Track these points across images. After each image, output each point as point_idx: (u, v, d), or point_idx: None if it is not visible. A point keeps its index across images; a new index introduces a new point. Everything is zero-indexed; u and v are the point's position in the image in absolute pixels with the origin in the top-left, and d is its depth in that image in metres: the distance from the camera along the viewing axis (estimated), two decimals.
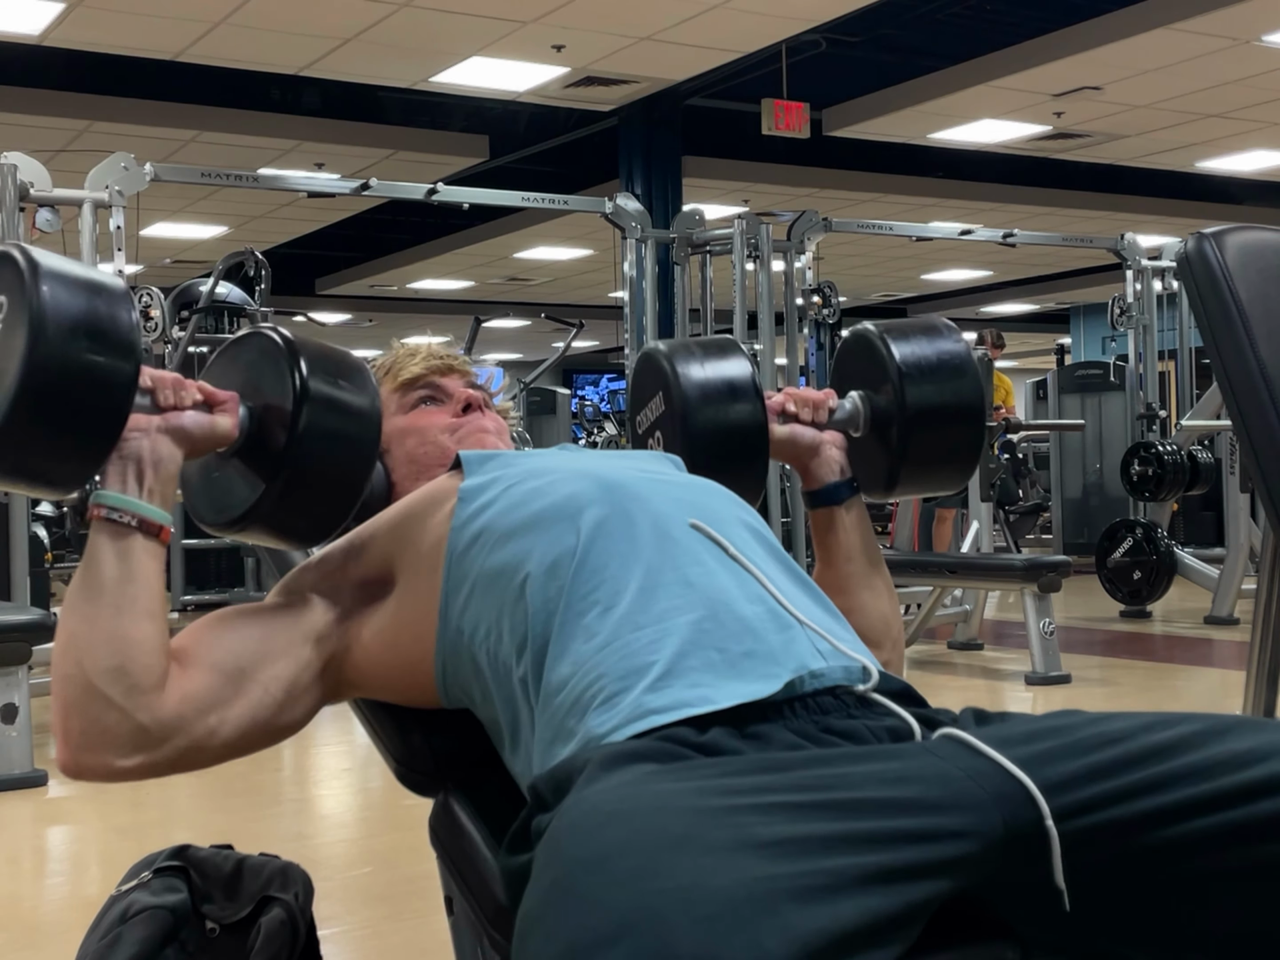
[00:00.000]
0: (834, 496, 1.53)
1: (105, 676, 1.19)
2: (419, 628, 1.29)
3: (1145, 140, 9.95)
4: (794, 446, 1.52)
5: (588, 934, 0.84)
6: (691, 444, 1.47)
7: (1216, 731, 1.03)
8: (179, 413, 1.26)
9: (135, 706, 1.20)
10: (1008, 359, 21.81)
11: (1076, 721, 1.07)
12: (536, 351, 18.55)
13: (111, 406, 1.19)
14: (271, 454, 1.29)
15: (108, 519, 1.22)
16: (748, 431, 1.49)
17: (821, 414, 1.54)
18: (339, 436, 1.31)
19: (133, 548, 1.23)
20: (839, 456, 1.54)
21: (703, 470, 1.43)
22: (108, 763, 1.21)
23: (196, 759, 1.27)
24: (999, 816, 0.97)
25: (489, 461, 1.36)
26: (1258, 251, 1.67)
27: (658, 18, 7.26)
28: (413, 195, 6.66)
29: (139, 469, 1.23)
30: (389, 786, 2.91)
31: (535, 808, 1.06)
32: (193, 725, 1.24)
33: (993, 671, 5.84)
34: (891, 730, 1.10)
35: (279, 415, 1.28)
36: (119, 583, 1.22)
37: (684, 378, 1.49)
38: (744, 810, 0.92)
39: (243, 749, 1.30)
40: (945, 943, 0.97)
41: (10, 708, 3.86)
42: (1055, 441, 10.19)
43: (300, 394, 1.27)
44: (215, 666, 1.27)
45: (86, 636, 1.20)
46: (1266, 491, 1.61)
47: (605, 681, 1.11)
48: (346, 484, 1.33)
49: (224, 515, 1.33)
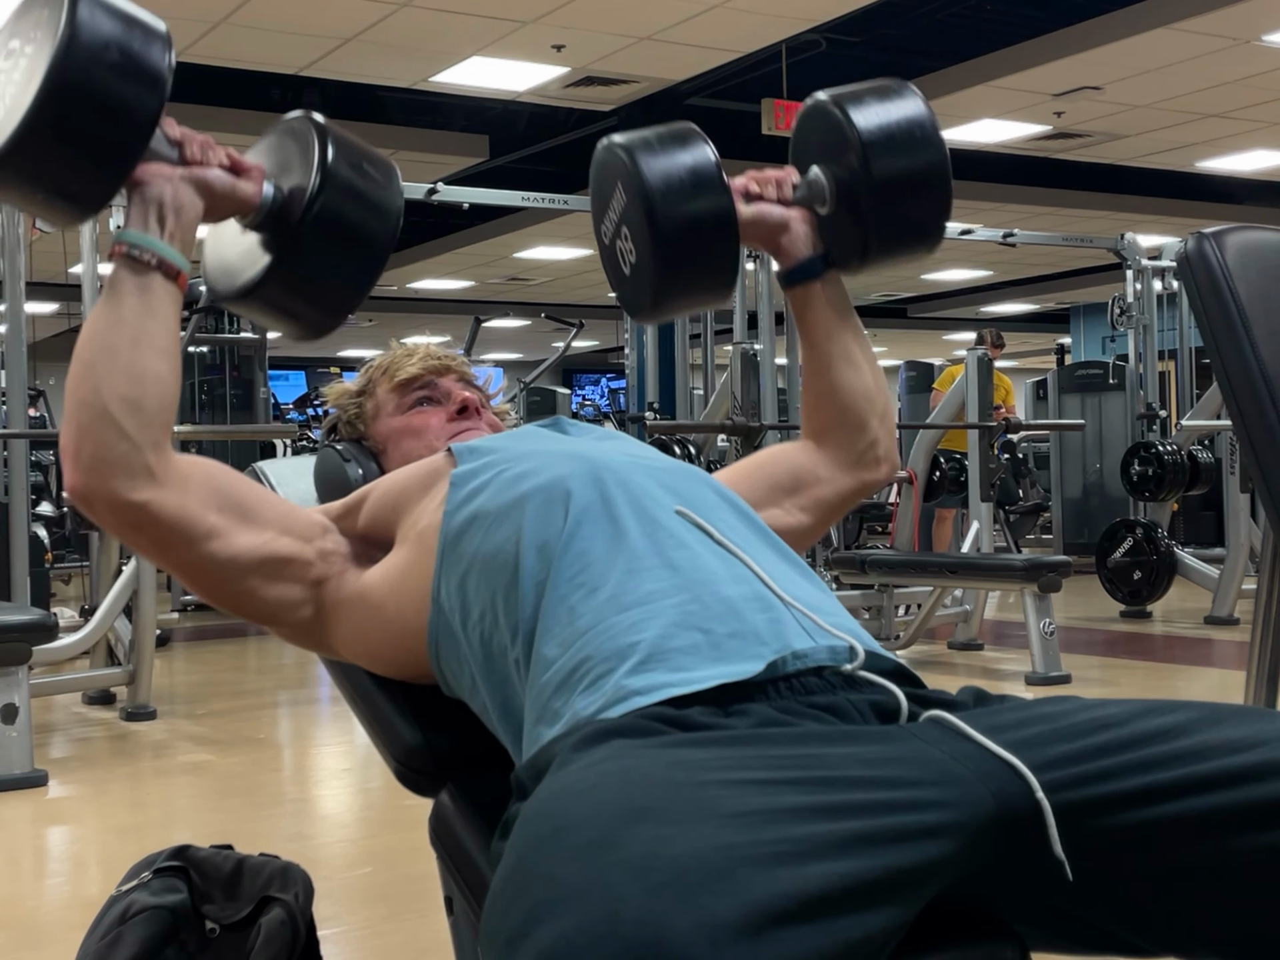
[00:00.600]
0: (809, 271, 1.53)
1: (121, 405, 1.23)
2: (408, 605, 1.30)
3: (1145, 140, 9.95)
4: (763, 225, 1.51)
5: (541, 906, 0.84)
6: (659, 231, 1.42)
7: (1211, 718, 1.03)
8: (204, 167, 1.31)
9: (145, 442, 1.24)
10: (1008, 359, 21.82)
11: (1069, 708, 1.06)
12: (536, 351, 18.55)
13: (133, 129, 1.23)
14: (288, 232, 1.32)
15: (128, 255, 1.27)
16: (716, 213, 1.44)
17: (786, 190, 1.53)
18: (356, 223, 1.34)
19: (152, 285, 1.28)
20: (809, 232, 1.53)
21: (675, 260, 1.43)
22: (115, 490, 1.24)
23: (187, 541, 1.28)
24: (987, 792, 0.96)
25: (479, 448, 1.37)
26: (1258, 251, 1.67)
27: (658, 18, 7.26)
28: (413, 195, 6.65)
29: (160, 212, 1.28)
30: (389, 786, 2.91)
31: (518, 797, 1.08)
32: (194, 507, 1.28)
33: (993, 671, 5.84)
34: (876, 705, 1.10)
35: (300, 195, 1.32)
36: (139, 316, 1.26)
37: (645, 165, 1.43)
38: (713, 785, 0.91)
39: (220, 581, 1.32)
40: (945, 943, 0.97)
41: (10, 708, 3.86)
42: (1055, 441, 10.20)
43: (322, 176, 1.31)
44: (222, 491, 1.31)
45: (106, 364, 1.25)
46: (1267, 491, 1.61)
47: (590, 664, 1.12)
48: (357, 274, 1.37)
49: (234, 286, 1.37)
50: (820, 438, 1.57)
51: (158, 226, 1.28)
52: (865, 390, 1.56)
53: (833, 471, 1.56)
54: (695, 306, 1.62)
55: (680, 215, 1.42)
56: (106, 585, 5.09)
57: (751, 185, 1.52)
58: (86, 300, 5.51)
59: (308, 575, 1.35)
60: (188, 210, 1.29)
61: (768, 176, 1.54)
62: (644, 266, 1.45)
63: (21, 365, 5.18)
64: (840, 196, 1.52)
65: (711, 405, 6.86)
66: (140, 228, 1.27)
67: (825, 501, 1.56)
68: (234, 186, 1.32)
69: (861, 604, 6.10)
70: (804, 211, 1.54)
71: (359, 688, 1.45)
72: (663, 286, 1.46)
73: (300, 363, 18.13)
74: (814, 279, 1.53)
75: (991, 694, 1.14)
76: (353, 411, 1.61)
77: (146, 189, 1.28)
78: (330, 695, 5.44)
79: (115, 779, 4.06)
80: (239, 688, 5.81)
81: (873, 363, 1.58)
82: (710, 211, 1.44)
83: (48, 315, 12.87)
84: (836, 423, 1.56)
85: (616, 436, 1.48)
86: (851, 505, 1.62)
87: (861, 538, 9.99)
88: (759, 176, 1.54)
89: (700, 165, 1.44)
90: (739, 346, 5.92)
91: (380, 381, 1.60)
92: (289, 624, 1.38)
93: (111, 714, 4.99)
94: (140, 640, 4.78)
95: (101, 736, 4.70)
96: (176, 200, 1.28)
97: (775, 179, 1.54)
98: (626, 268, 1.49)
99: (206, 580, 1.33)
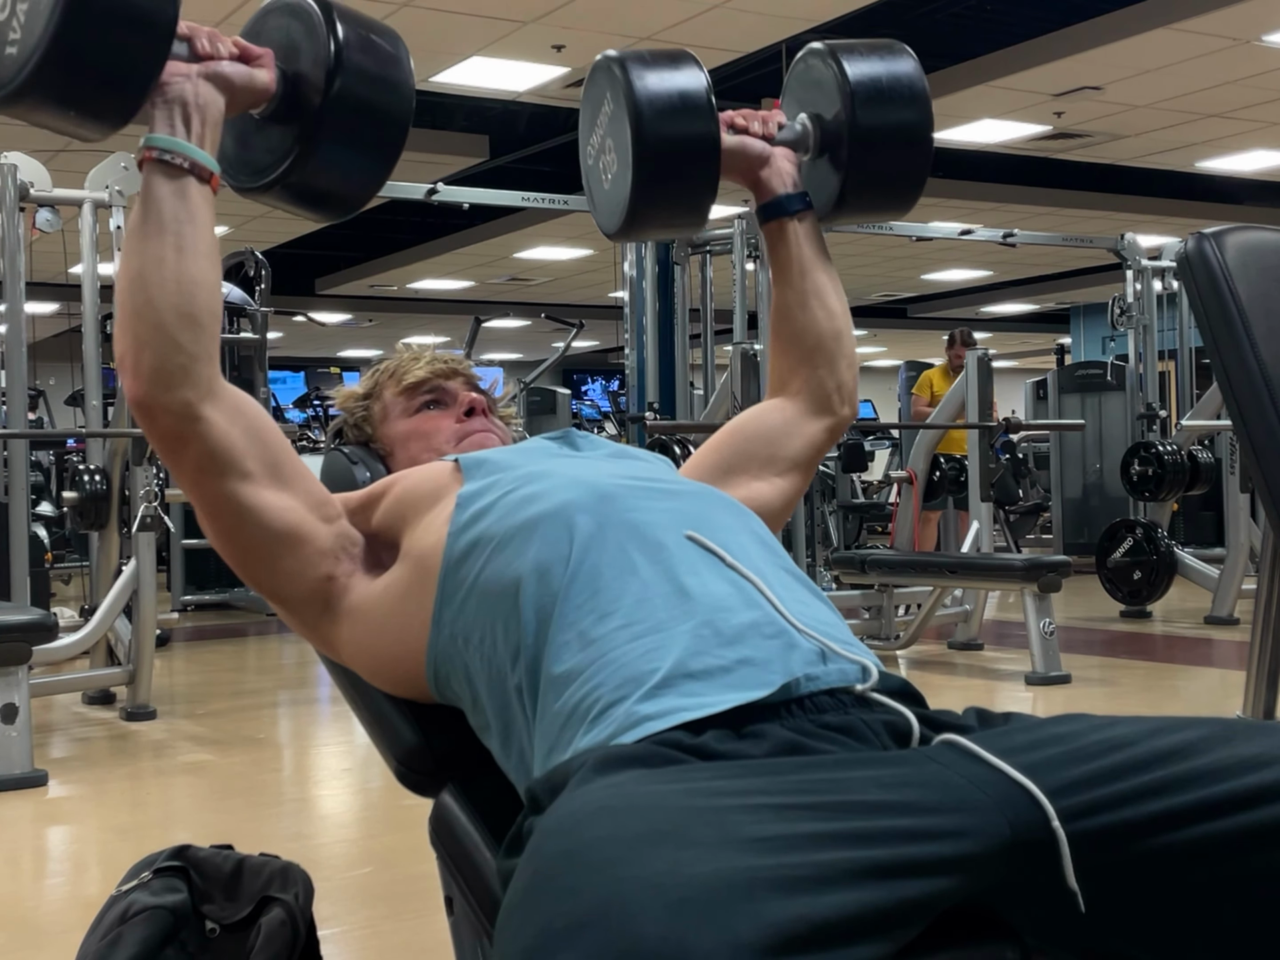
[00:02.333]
0: (786, 207, 1.55)
1: (175, 317, 1.23)
2: (408, 627, 1.30)
3: (1145, 140, 9.94)
4: (744, 156, 1.53)
5: (558, 921, 0.84)
6: (643, 143, 1.43)
7: (1223, 736, 1.03)
8: (218, 61, 1.29)
9: (201, 353, 1.25)
10: (1008, 359, 21.82)
11: (1081, 728, 1.06)
12: (536, 351, 18.54)
13: (152, 45, 1.21)
14: (308, 118, 1.30)
15: (160, 159, 1.25)
16: (701, 135, 1.45)
17: (771, 127, 1.55)
18: (374, 101, 1.33)
19: (188, 189, 1.26)
20: (790, 170, 1.56)
21: (655, 176, 1.43)
22: (180, 398, 1.24)
23: (222, 473, 1.28)
24: (1003, 820, 0.96)
25: (486, 465, 1.37)
26: (1258, 251, 1.67)
27: (658, 18, 7.26)
28: (413, 195, 6.66)
29: (185, 112, 1.26)
30: (389, 786, 2.91)
31: (531, 810, 1.07)
32: (239, 441, 1.28)
33: (993, 671, 5.84)
34: (889, 725, 1.10)
35: (316, 78, 1.30)
36: (180, 222, 1.25)
37: (636, 78, 1.44)
38: (732, 810, 0.91)
39: (237, 526, 1.31)
40: (945, 943, 0.96)
41: (10, 708, 3.86)
42: (1055, 441, 10.19)
43: (336, 56, 1.29)
44: (264, 440, 1.31)
45: (156, 275, 1.24)
46: (1267, 491, 1.61)
47: (602, 691, 1.11)
48: (381, 153, 1.35)
49: (261, 176, 1.35)
50: (788, 383, 1.59)
51: (184, 128, 1.26)
52: (835, 330, 1.58)
53: (801, 422, 1.57)
54: (668, 230, 1.63)
55: (666, 132, 1.43)
56: (106, 585, 5.09)
57: (738, 119, 1.54)
58: (86, 300, 5.52)
59: (319, 565, 1.34)
60: (211, 108, 1.27)
61: (755, 112, 1.56)
62: (622, 180, 1.46)
63: (21, 365, 5.18)
64: (823, 145, 1.55)
65: (711, 405, 6.86)
66: (167, 130, 1.25)
67: (800, 457, 1.57)
68: (251, 77, 1.30)
69: (861, 604, 6.10)
70: (787, 150, 1.56)
71: (359, 688, 1.45)
72: (640, 202, 1.46)
73: (300, 363, 18.12)
74: (791, 215, 1.55)
75: (995, 713, 1.14)
76: (360, 415, 1.61)
77: (168, 89, 1.25)
78: (330, 695, 5.44)
79: (115, 779, 4.06)
80: (239, 688, 5.81)
81: (844, 305, 1.60)
82: (696, 133, 1.45)
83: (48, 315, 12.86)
84: (806, 363, 1.57)
85: (628, 455, 1.47)
86: (825, 453, 1.63)
87: (861, 538, 10.00)
88: (746, 112, 1.56)
89: (692, 87, 1.45)
90: (739, 346, 5.92)
91: (387, 385, 1.60)
92: (288, 602, 1.37)
93: (111, 714, 4.99)
94: (140, 640, 4.78)
95: (101, 736, 4.70)
96: (199, 99, 1.26)
97: (761, 116, 1.56)
98: (606, 183, 1.50)
99: (225, 521, 1.32)
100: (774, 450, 1.55)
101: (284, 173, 1.32)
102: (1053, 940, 1.01)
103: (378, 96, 1.33)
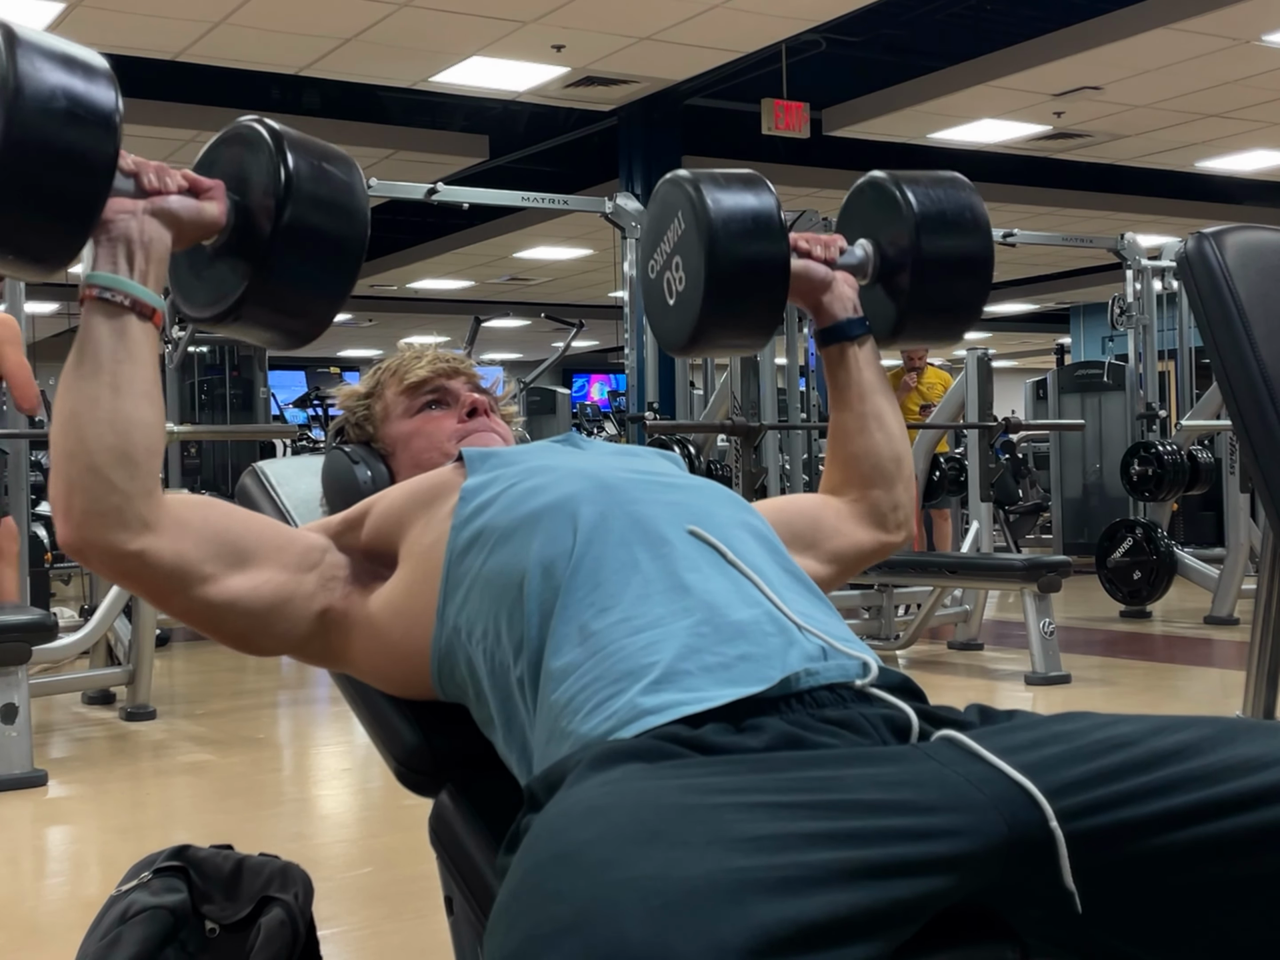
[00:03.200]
0: (848, 331, 1.56)
1: (108, 457, 1.20)
2: (414, 624, 1.29)
3: (1145, 140, 9.95)
4: (808, 280, 1.54)
5: (546, 924, 0.84)
6: (715, 262, 1.44)
7: (1224, 736, 1.03)
8: (165, 196, 1.26)
9: (136, 491, 1.21)
10: (1008, 359, 21.84)
11: (1081, 727, 1.05)
12: (536, 351, 18.54)
13: (92, 186, 1.17)
14: (259, 248, 1.27)
15: (100, 298, 1.22)
16: (772, 256, 1.47)
17: (833, 252, 1.57)
18: (327, 230, 1.30)
19: (128, 327, 1.22)
20: (852, 295, 1.57)
21: (725, 294, 1.44)
22: (109, 542, 1.21)
23: (183, 587, 1.26)
24: (1000, 819, 0.96)
25: (490, 459, 1.37)
26: (1258, 251, 1.67)
27: (658, 18, 7.26)
28: (413, 195, 6.66)
29: (129, 250, 1.23)
30: (389, 786, 2.91)
31: (529, 807, 1.07)
32: (189, 552, 1.25)
33: (993, 671, 5.84)
34: (888, 720, 1.10)
35: (265, 205, 1.27)
36: (116, 361, 1.21)
37: (710, 197, 1.45)
38: (726, 808, 0.91)
39: (220, 623, 1.31)
40: (945, 943, 0.96)
41: (10, 708, 3.86)
42: (1055, 441, 10.19)
43: (287, 186, 1.26)
44: (217, 533, 1.29)
45: (89, 415, 1.20)
46: (1267, 491, 1.61)
47: (601, 684, 1.11)
48: (335, 281, 1.33)
49: (217, 307, 1.32)
50: (845, 497, 1.58)
51: (127, 265, 1.22)
52: (895, 454, 1.58)
53: (853, 528, 1.56)
54: (730, 348, 1.67)
55: (738, 252, 1.44)
56: (106, 585, 5.09)
57: (801, 242, 1.54)
58: None
59: (310, 608, 1.33)
60: (156, 244, 1.24)
61: (818, 237, 1.57)
62: (691, 299, 1.47)
63: None
64: (883, 271, 1.56)
65: (711, 405, 6.86)
66: (109, 268, 1.22)
67: (844, 556, 1.56)
68: (200, 210, 1.27)
69: (861, 604, 6.10)
70: (848, 275, 1.57)
71: (359, 688, 1.45)
72: (708, 323, 1.47)
73: (300, 363, 18.13)
74: (852, 340, 1.56)
75: (998, 710, 1.14)
76: (361, 414, 1.61)
77: (111, 227, 1.22)
78: (330, 695, 5.43)
79: (115, 779, 4.06)
80: (239, 688, 5.81)
81: (903, 428, 1.60)
82: (767, 254, 1.46)
83: (48, 315, 12.88)
84: (865, 484, 1.57)
85: (632, 452, 1.47)
86: (866, 565, 1.62)
87: None
88: (809, 235, 1.57)
89: (764, 208, 1.47)
90: None
91: (389, 384, 1.60)
92: (300, 653, 1.37)
93: (111, 714, 4.99)
94: (140, 640, 4.78)
95: (101, 736, 4.69)
96: (144, 235, 1.23)
97: (824, 240, 1.57)
98: (672, 298, 1.51)
99: (207, 623, 1.31)
100: (818, 537, 1.54)
101: (235, 304, 1.29)
102: (1051, 940, 1.01)
103: (330, 225, 1.30)
